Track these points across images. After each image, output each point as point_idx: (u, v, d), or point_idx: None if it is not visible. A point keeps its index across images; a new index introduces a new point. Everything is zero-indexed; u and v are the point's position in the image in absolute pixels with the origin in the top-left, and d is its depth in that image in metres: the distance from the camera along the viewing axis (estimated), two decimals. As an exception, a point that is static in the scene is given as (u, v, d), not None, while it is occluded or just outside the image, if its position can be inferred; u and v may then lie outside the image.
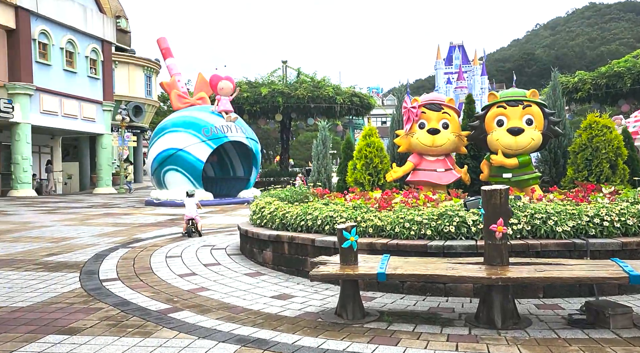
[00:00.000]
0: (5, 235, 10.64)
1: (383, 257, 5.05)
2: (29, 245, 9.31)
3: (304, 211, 6.87)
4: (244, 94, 25.31)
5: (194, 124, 17.85)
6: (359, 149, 8.88)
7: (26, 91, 23.90)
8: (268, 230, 7.27)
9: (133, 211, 16.09)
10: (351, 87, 27.39)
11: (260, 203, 8.14)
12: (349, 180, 8.87)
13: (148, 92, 38.96)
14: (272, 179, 28.65)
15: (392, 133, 9.54)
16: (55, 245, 9.28)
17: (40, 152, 28.81)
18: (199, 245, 9.15)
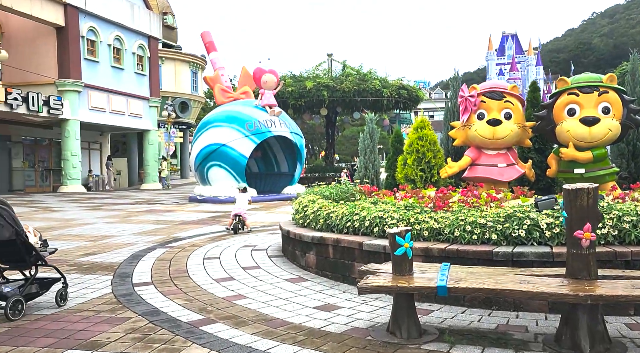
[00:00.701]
0: (46, 232, 10.48)
1: (442, 266, 4.36)
2: (67, 243, 9.07)
3: (350, 211, 6.25)
4: (289, 88, 24.83)
5: (237, 118, 17.49)
6: (409, 143, 8.17)
7: (75, 88, 24.21)
8: (311, 231, 6.69)
9: (176, 208, 15.87)
10: (399, 80, 26.47)
11: (303, 201, 7.57)
12: (399, 176, 8.18)
13: (194, 88, 39.15)
14: (317, 174, 28.12)
15: (447, 125, 8.78)
16: (93, 243, 9.00)
17: (90, 148, 29.27)
18: (239, 245, 8.68)
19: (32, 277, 5.09)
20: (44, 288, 5.20)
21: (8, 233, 4.75)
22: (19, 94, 20.97)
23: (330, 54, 29.26)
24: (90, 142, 29.20)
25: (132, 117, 28.18)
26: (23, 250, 4.90)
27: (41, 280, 5.20)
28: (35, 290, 5.10)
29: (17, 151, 25.91)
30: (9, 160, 25.54)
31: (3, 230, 4.72)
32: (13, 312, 4.74)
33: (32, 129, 25.70)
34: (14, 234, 4.78)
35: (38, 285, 5.14)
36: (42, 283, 5.19)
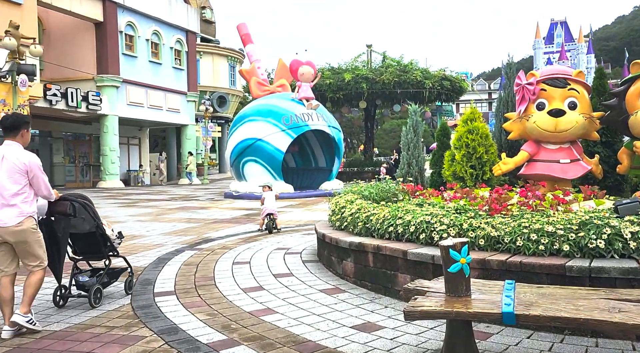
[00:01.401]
0: (76, 231, 10.17)
1: (506, 285, 3.63)
2: (94, 243, 8.67)
3: (393, 214, 5.55)
4: (326, 81, 24.16)
5: (274, 112, 16.94)
6: (458, 137, 7.39)
7: (113, 83, 24.21)
8: (349, 236, 6.03)
9: (210, 204, 15.47)
10: (441, 70, 25.39)
11: (340, 201, 6.91)
12: (446, 174, 7.41)
13: (232, 82, 38.95)
14: (356, 169, 27.41)
15: (499, 117, 7.94)
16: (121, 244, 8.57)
17: (129, 143, 29.38)
18: (272, 247, 8.09)
19: (107, 267, 5.31)
20: (113, 278, 5.49)
21: (89, 225, 5.00)
22: (58, 90, 21.04)
23: (369, 45, 28.40)
24: (129, 137, 29.30)
25: (169, 112, 28.10)
26: (100, 242, 5.19)
27: (111, 270, 5.43)
28: (106, 279, 5.35)
29: (57, 147, 26.21)
30: (50, 156, 25.85)
31: (84, 223, 4.97)
32: (95, 300, 5.03)
33: (73, 125, 25.92)
34: (94, 227, 5.04)
35: (109, 275, 5.37)
36: (111, 273, 5.43)
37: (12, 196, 4.30)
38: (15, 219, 4.30)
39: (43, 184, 4.47)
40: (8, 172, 4.31)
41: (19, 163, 4.32)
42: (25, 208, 4.36)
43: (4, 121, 4.48)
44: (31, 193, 4.43)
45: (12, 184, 4.30)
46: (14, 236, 4.32)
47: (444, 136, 8.16)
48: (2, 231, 4.29)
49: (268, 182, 10.51)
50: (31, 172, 4.37)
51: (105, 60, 23.92)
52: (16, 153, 4.37)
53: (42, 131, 25.13)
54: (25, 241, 4.36)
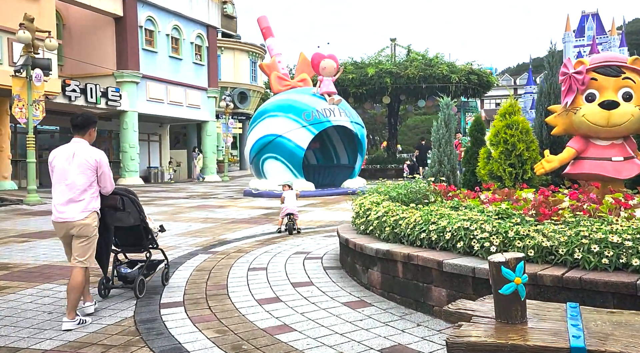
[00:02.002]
0: (88, 230, 9.76)
1: (570, 309, 3.02)
2: (104, 245, 8.22)
3: (426, 218, 4.94)
4: (349, 76, 23.51)
5: (294, 107, 16.38)
6: (495, 133, 6.73)
7: (133, 79, 23.93)
8: (375, 242, 5.44)
9: (229, 203, 14.99)
10: (468, 64, 24.53)
11: (365, 202, 6.32)
12: (482, 173, 6.77)
13: (253, 78, 38.53)
14: (379, 166, 26.73)
15: (540, 110, 7.24)
16: (131, 246, 8.11)
17: (149, 140, 29.15)
18: (291, 251, 7.55)
19: (148, 259, 5.47)
20: (151, 270, 5.65)
21: (134, 219, 5.10)
22: (77, 86, 20.79)
23: (393, 39, 27.64)
24: (150, 134, 29.06)
25: (190, 108, 27.76)
26: (143, 235, 5.34)
27: (150, 262, 5.56)
28: (146, 271, 5.48)
29: (77, 143, 25.99)
30: (70, 152, 25.67)
31: (130, 217, 5.06)
32: (140, 291, 5.19)
33: (93, 121, 25.68)
34: (139, 220, 5.16)
35: (147, 267, 5.49)
36: (149, 265, 5.55)
37: (82, 191, 4.47)
38: (82, 214, 4.46)
39: (109, 180, 4.69)
40: (79, 168, 4.46)
41: (91, 160, 4.50)
42: (92, 204, 4.54)
43: (75, 120, 4.68)
44: (97, 189, 4.62)
45: (82, 180, 4.46)
46: (77, 230, 4.46)
47: (478, 132, 7.49)
48: (70, 225, 4.45)
49: (289, 181, 10.01)
50: (100, 169, 4.56)
51: (125, 55, 23.64)
52: (86, 150, 4.56)
53: (61, 127, 24.97)
54: (86, 237, 4.51)
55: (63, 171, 4.49)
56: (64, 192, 4.47)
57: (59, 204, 4.48)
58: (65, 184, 4.47)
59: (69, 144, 4.63)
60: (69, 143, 4.64)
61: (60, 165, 4.51)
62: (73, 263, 4.52)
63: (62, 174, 4.49)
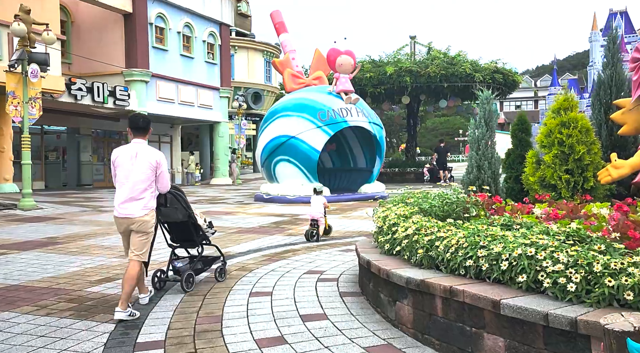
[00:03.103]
0: (78, 241, 8.82)
1: None
2: (90, 260, 7.25)
3: (472, 240, 3.86)
4: (367, 75, 22.41)
5: (309, 107, 15.34)
6: (546, 132, 5.60)
7: (142, 78, 23.10)
8: (404, 266, 4.37)
9: (237, 209, 13.98)
10: (492, 62, 23.28)
11: (390, 215, 5.25)
12: (530, 181, 5.65)
13: (267, 78, 37.62)
14: (397, 170, 25.57)
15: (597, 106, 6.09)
16: (119, 261, 7.13)
17: (160, 141, 28.35)
18: (301, 269, 6.50)
19: (199, 255, 5.68)
20: (207, 265, 5.81)
21: (182, 215, 5.33)
22: (84, 84, 19.98)
23: (413, 37, 26.47)
24: (161, 135, 28.26)
25: (201, 108, 26.89)
26: (193, 231, 5.52)
27: (205, 258, 5.80)
28: (200, 266, 5.69)
29: (85, 144, 25.29)
30: (77, 154, 24.96)
31: (177, 213, 5.31)
32: (187, 284, 5.35)
33: (101, 122, 24.96)
34: (186, 216, 5.36)
35: (202, 262, 5.70)
36: (205, 261, 5.78)
37: (142, 190, 4.68)
38: (142, 211, 4.69)
39: (166, 180, 4.90)
40: (141, 168, 4.67)
41: (152, 160, 4.71)
42: (151, 202, 4.79)
43: (137, 122, 4.85)
44: (155, 188, 4.83)
45: (143, 180, 4.67)
46: (137, 226, 4.69)
47: (522, 131, 6.37)
48: (130, 221, 4.68)
49: (320, 186, 9.59)
50: (159, 169, 4.77)
51: (135, 53, 22.82)
52: (147, 150, 4.77)
53: (69, 127, 24.26)
54: (144, 232, 4.74)
55: (126, 170, 4.69)
56: (126, 190, 4.67)
57: (121, 202, 4.69)
58: (127, 182, 4.67)
59: (130, 144, 4.83)
60: (130, 143, 4.84)
61: (124, 164, 4.71)
62: (130, 257, 4.75)
63: (125, 173, 4.69)
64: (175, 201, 5.26)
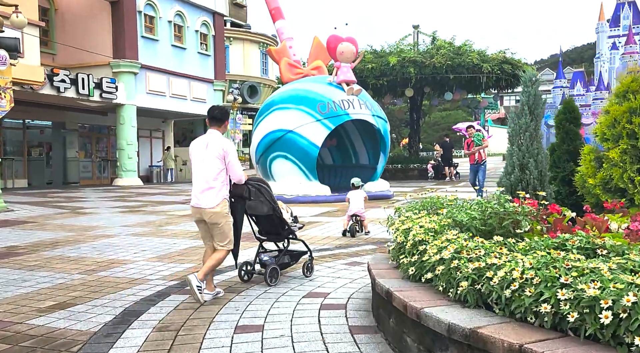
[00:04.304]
0: (42, 251, 7.64)
1: None
2: (49, 278, 6.07)
3: (548, 275, 2.70)
4: (368, 66, 21.18)
5: (307, 98, 14.14)
6: (610, 122, 4.43)
7: (131, 69, 21.85)
8: (440, 302, 3.22)
9: (230, 209, 12.78)
10: (501, 52, 22.07)
11: (415, 228, 4.12)
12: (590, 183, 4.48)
13: (264, 70, 36.34)
14: (400, 166, 24.38)
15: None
16: (83, 279, 5.96)
17: (152, 137, 27.12)
18: (300, 290, 5.34)
19: (284, 249, 5.78)
20: (293, 260, 5.87)
21: (266, 208, 5.38)
22: (67, 76, 18.73)
23: (416, 26, 25.23)
24: (152, 130, 27.03)
25: (195, 102, 25.65)
26: (278, 224, 5.58)
27: (291, 252, 5.87)
28: (286, 260, 5.77)
29: (71, 140, 24.01)
30: (63, 150, 23.71)
31: (263, 206, 5.37)
32: (271, 278, 5.38)
33: (89, 116, 23.71)
34: (271, 209, 5.41)
35: (289, 256, 5.80)
36: (292, 255, 5.87)
37: (213, 180, 4.81)
38: (212, 202, 4.80)
39: (237, 169, 4.92)
40: (211, 158, 4.80)
41: (219, 149, 4.80)
42: (222, 192, 4.86)
43: (213, 112, 4.95)
44: (227, 178, 4.91)
45: (213, 169, 4.80)
46: (209, 217, 4.83)
47: (570, 121, 5.20)
48: (203, 211, 4.83)
49: (358, 180, 9.17)
50: (227, 157, 4.82)
51: (122, 43, 21.56)
52: (217, 140, 4.85)
53: (53, 122, 23.01)
54: (218, 223, 4.84)
55: (199, 160, 4.83)
56: (201, 180, 4.83)
57: (197, 192, 4.86)
58: (200, 173, 4.82)
59: (205, 135, 4.96)
60: (206, 134, 4.97)
61: (197, 155, 4.86)
62: (217, 248, 4.93)
63: (198, 164, 4.84)
64: (259, 194, 5.28)
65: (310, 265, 5.85)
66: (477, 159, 13.42)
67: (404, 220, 4.86)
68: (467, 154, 14.10)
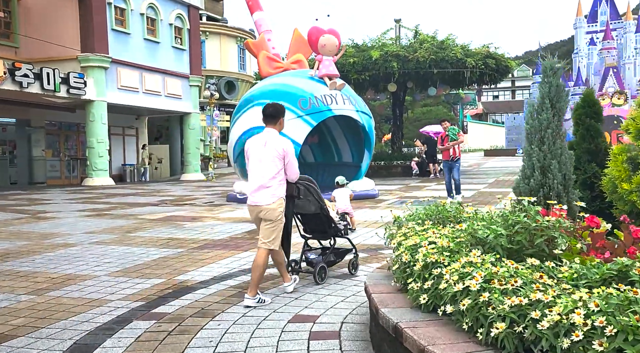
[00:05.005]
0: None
1: None
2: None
3: (627, 323, 1.99)
4: (350, 60, 20.47)
5: (288, 93, 13.36)
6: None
7: (101, 64, 20.78)
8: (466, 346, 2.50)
9: (206, 213, 11.99)
10: (485, 46, 21.55)
11: (424, 246, 3.44)
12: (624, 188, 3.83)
13: (242, 66, 35.40)
14: (382, 163, 23.74)
15: None
16: (34, 300, 5.13)
17: (125, 134, 26.04)
18: (285, 312, 4.60)
19: (332, 247, 5.79)
20: (339, 257, 5.87)
21: (314, 207, 5.40)
22: (30, 70, 17.63)
23: (398, 20, 24.59)
24: (125, 127, 25.95)
25: (169, 98, 24.65)
26: (325, 222, 5.59)
27: (337, 250, 5.85)
28: (332, 258, 5.77)
29: (37, 138, 22.84)
30: (28, 148, 22.53)
31: (310, 204, 5.37)
32: (319, 277, 5.42)
33: (56, 113, 22.55)
34: (319, 208, 5.43)
35: (334, 254, 5.79)
36: (337, 253, 5.85)
37: (271, 178, 4.78)
38: (269, 199, 4.78)
39: (294, 168, 4.95)
40: (270, 157, 4.77)
41: (279, 149, 4.76)
42: (279, 190, 4.85)
43: (267, 110, 4.95)
44: (284, 177, 4.90)
45: (272, 168, 4.77)
46: (265, 214, 4.78)
47: (591, 116, 4.55)
48: (257, 209, 4.81)
49: (342, 178, 8.87)
50: (287, 157, 4.82)
51: (91, 36, 20.47)
52: (276, 139, 4.82)
53: (18, 119, 21.82)
54: (271, 220, 4.79)
55: (256, 159, 4.84)
56: (257, 178, 4.83)
57: (252, 190, 4.87)
58: (258, 172, 4.82)
59: (262, 133, 4.92)
60: (262, 132, 4.92)
61: (255, 153, 4.86)
62: (258, 244, 4.87)
63: (256, 162, 4.84)
64: (308, 193, 5.30)
65: (355, 262, 5.84)
66: (451, 155, 12.72)
67: (407, 233, 4.16)
68: (441, 150, 13.29)
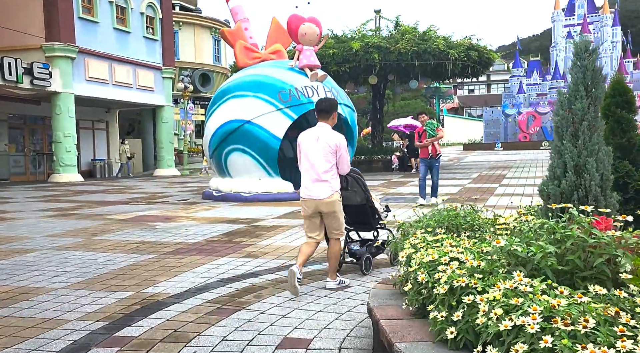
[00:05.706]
0: None
1: None
2: None
3: None
4: (329, 51, 19.79)
5: (267, 85, 12.66)
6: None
7: (67, 54, 19.70)
8: None
9: (180, 212, 11.21)
10: (467, 38, 21.09)
11: (445, 262, 2.80)
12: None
13: (217, 58, 34.40)
14: (363, 158, 23.17)
15: None
16: (-31, 325, 4.35)
17: (94, 128, 24.94)
18: (271, 336, 3.94)
19: (375, 238, 5.86)
20: (380, 249, 5.86)
21: (360, 198, 5.47)
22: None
23: (378, 11, 23.98)
24: (95, 121, 24.84)
25: (141, 90, 23.64)
26: (370, 214, 5.63)
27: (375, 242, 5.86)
28: (374, 250, 5.78)
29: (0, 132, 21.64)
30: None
31: (356, 196, 5.45)
32: (366, 267, 5.52)
33: (19, 105, 21.38)
34: (364, 199, 5.50)
35: (376, 246, 5.80)
36: (378, 246, 5.83)
37: (324, 172, 4.86)
38: (327, 193, 4.88)
39: (346, 163, 5.02)
40: (322, 151, 4.84)
41: (332, 144, 4.84)
42: (334, 184, 4.95)
43: (320, 105, 5.05)
44: (336, 171, 4.97)
45: (325, 163, 4.85)
46: (326, 207, 4.91)
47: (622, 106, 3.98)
48: (318, 203, 4.89)
49: None
50: (339, 152, 4.89)
51: (56, 24, 19.37)
52: (328, 134, 4.89)
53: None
54: (334, 212, 4.95)
55: (309, 153, 4.89)
56: (310, 173, 4.90)
57: (307, 185, 4.94)
58: (310, 165, 4.89)
59: (315, 127, 4.97)
60: (315, 126, 4.98)
61: (307, 148, 4.91)
62: (331, 237, 5.05)
63: (308, 156, 4.89)
64: (355, 184, 5.35)
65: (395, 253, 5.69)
66: (430, 152, 11.16)
67: (418, 244, 3.53)
68: (419, 147, 11.53)
